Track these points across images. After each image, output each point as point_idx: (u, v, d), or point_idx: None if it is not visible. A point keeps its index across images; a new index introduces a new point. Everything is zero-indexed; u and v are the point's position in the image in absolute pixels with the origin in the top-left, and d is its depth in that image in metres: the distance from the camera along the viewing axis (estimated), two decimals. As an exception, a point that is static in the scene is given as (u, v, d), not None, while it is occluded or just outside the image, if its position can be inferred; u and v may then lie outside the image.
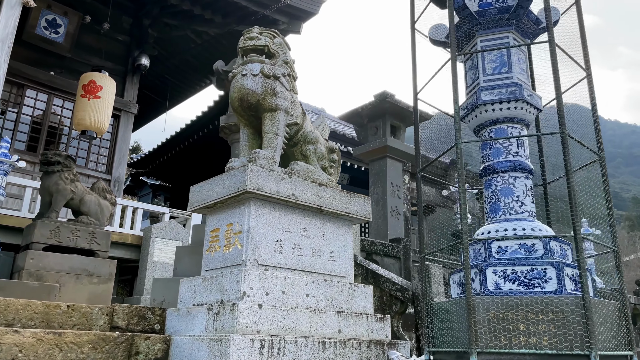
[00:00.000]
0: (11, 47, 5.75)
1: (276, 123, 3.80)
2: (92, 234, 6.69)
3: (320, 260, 3.66)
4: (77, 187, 6.76)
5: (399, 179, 7.33)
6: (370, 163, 7.60)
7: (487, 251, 2.98)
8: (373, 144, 7.29)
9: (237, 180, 3.41)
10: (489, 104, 3.24)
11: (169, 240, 8.14)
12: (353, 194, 3.93)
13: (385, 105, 7.18)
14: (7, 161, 6.57)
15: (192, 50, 11.42)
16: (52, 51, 9.02)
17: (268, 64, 3.89)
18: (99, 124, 7.86)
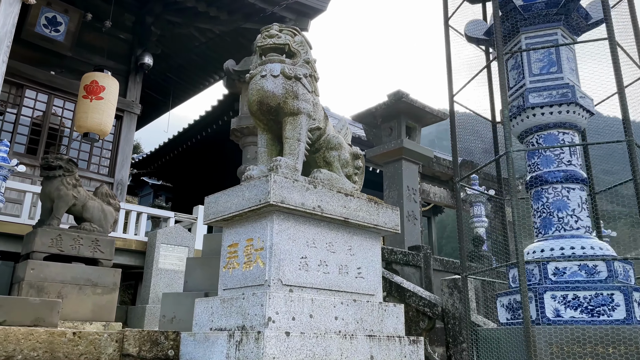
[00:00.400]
0: (10, 46, 5.45)
1: (298, 128, 3.49)
2: (95, 241, 6.39)
3: (347, 277, 3.36)
4: (79, 193, 6.46)
5: (415, 182, 7.04)
6: (384, 165, 7.30)
7: (542, 273, 2.69)
8: (388, 146, 7.00)
9: (258, 191, 3.10)
10: (537, 108, 2.94)
11: (174, 246, 7.84)
12: (381, 204, 3.63)
13: (401, 105, 6.88)
14: (6, 166, 6.27)
15: (196, 48, 11.10)
16: (52, 50, 8.70)
17: (289, 64, 3.58)
18: (101, 126, 7.55)
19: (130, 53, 9.86)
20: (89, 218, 6.48)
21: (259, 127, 3.72)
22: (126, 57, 9.81)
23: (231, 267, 3.31)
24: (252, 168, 3.56)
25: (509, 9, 3.09)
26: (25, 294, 5.60)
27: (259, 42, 3.67)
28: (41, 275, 5.76)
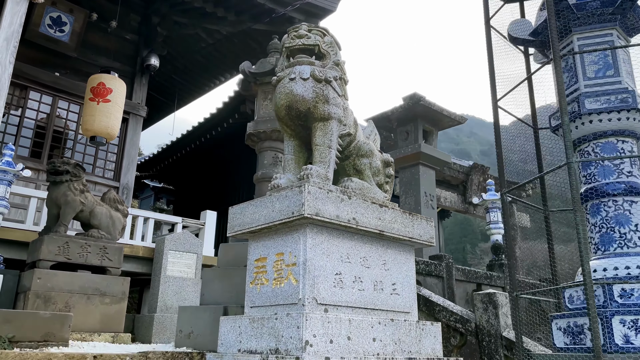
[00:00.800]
0: (17, 47, 5.24)
1: (329, 134, 3.29)
2: (103, 249, 6.17)
3: (382, 294, 3.15)
4: (87, 198, 6.24)
5: (432, 187, 6.84)
6: (400, 171, 7.10)
7: (607, 294, 2.49)
8: (404, 150, 6.80)
9: (290, 203, 2.89)
10: (594, 114, 2.75)
11: (182, 253, 7.62)
12: (415, 215, 3.43)
13: (418, 108, 6.69)
14: (11, 170, 6.05)
15: (202, 50, 10.89)
16: (56, 51, 8.49)
17: (318, 66, 3.38)
18: (108, 130, 7.34)
19: (136, 54, 9.65)
20: (96, 225, 6.26)
21: (286, 133, 3.51)
22: (132, 59, 9.59)
23: (259, 283, 3.10)
24: (280, 177, 3.35)
25: (560, 7, 2.89)
26: (32, 304, 5.38)
27: (286, 43, 3.46)
28: (48, 285, 5.54)
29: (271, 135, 5.06)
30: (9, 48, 5.14)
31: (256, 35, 10.34)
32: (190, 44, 10.71)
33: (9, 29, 5.16)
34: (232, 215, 3.34)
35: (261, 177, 5.03)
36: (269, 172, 5.03)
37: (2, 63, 5.05)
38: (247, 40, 10.49)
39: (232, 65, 11.51)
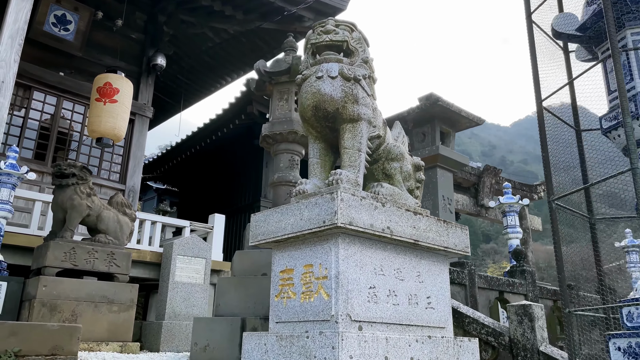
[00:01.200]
0: (22, 45, 5.03)
1: (358, 136, 3.07)
2: (111, 254, 5.95)
3: (417, 309, 2.93)
4: (93, 202, 6.02)
5: (450, 190, 6.63)
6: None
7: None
8: (421, 152, 6.59)
9: (321, 211, 2.67)
10: (654, 115, 2.54)
11: (191, 258, 7.40)
12: (450, 223, 3.21)
13: (435, 109, 6.48)
14: (15, 173, 5.83)
15: (209, 49, 10.69)
16: (61, 50, 8.28)
17: (346, 63, 3.16)
18: (115, 131, 7.12)
19: (142, 54, 9.44)
20: (103, 229, 6.05)
21: (311, 135, 3.29)
22: (138, 58, 9.38)
23: (285, 297, 2.88)
24: (305, 182, 3.13)
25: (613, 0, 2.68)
26: (37, 313, 5.17)
27: (312, 39, 3.24)
28: (54, 293, 5.32)
29: (287, 137, 4.84)
30: (14, 46, 4.94)
31: (264, 34, 10.14)
32: (197, 44, 10.51)
33: (13, 25, 4.95)
34: (256, 223, 3.11)
35: (277, 180, 4.81)
36: (285, 175, 4.82)
37: (7, 61, 4.84)
38: (255, 40, 10.28)
39: (239, 65, 11.31)
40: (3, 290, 5.39)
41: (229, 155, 14.17)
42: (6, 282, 5.42)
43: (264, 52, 10.65)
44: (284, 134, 4.82)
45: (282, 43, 9.81)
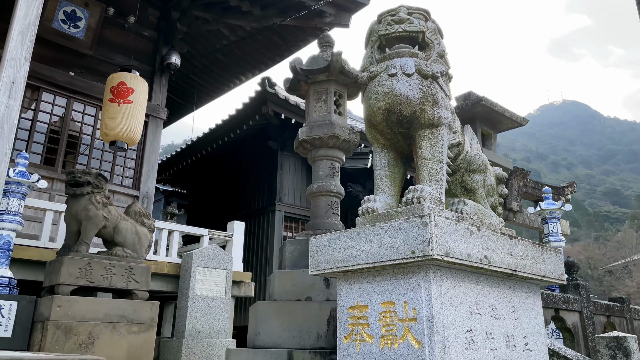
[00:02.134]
0: (33, 42, 4.55)
1: (439, 145, 2.59)
2: (129, 269, 5.48)
3: (515, 352, 2.45)
4: (110, 212, 5.55)
5: (493, 198, 6.14)
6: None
7: None
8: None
9: (408, 238, 2.19)
10: None
11: (211, 269, 6.93)
12: (544, 247, 2.72)
13: (477, 109, 6.00)
14: (25, 182, 5.37)
15: (224, 47, 10.21)
16: (71, 48, 7.81)
17: (421, 58, 2.67)
18: (130, 134, 6.65)
19: (155, 52, 8.96)
20: (121, 242, 5.58)
21: (377, 142, 2.80)
22: (151, 57, 8.91)
23: (358, 339, 2.40)
24: (373, 199, 2.65)
25: None
26: (52, 336, 4.70)
27: (380, 30, 2.74)
28: (69, 314, 4.86)
29: (328, 141, 4.36)
30: (25, 43, 4.46)
31: (282, 30, 9.65)
32: (211, 41, 10.03)
33: (24, 20, 4.48)
34: (317, 248, 2.63)
35: (317, 190, 4.32)
36: (326, 184, 4.33)
37: (17, 60, 4.37)
38: (272, 37, 9.80)
39: (254, 64, 10.83)
40: (13, 311, 4.92)
41: (241, 156, 13.70)
42: (16, 302, 4.96)
43: (281, 50, 10.17)
44: (323, 138, 4.33)
45: (303, 40, 9.25)
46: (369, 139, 2.88)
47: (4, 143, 4.14)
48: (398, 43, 2.69)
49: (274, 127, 12.29)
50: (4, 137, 4.15)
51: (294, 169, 12.72)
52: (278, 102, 11.31)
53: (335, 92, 4.59)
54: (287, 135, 12.46)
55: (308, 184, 13.86)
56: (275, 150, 12.59)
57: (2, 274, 5.08)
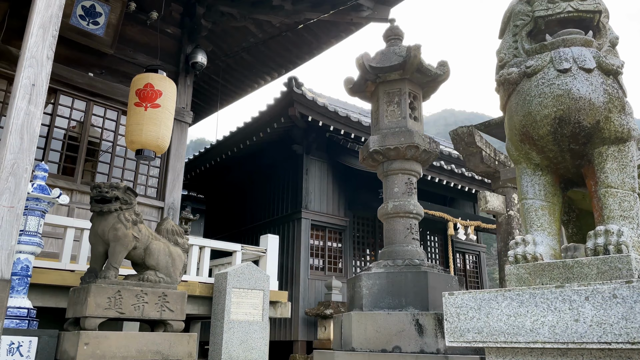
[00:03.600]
0: (56, 37, 3.89)
1: (629, 167, 1.90)
2: (162, 297, 4.81)
3: None
4: (140, 232, 4.89)
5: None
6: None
7: None
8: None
9: (630, 313, 1.48)
10: None
11: (247, 291, 6.26)
12: None
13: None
14: (45, 197, 4.71)
15: (250, 45, 9.53)
16: (90, 47, 7.17)
17: (595, 47, 1.97)
18: (158, 141, 5.99)
19: (179, 50, 8.31)
20: (153, 265, 4.92)
21: (529, 162, 2.10)
22: (174, 56, 8.25)
23: None
24: (530, 241, 1.94)
25: None
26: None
27: (538, 10, 2.03)
28: (98, 352, 4.19)
29: (405, 152, 3.66)
30: (47, 38, 3.80)
31: (314, 26, 8.95)
32: (237, 39, 9.36)
33: (45, 12, 3.82)
34: (458, 310, 1.93)
35: (393, 211, 3.62)
36: (403, 203, 3.63)
37: (39, 59, 3.71)
38: (303, 33, 9.10)
39: (281, 63, 10.15)
40: (33, 349, 4.26)
41: (263, 160, 13.04)
42: (37, 338, 4.30)
43: (311, 47, 9.49)
44: (400, 149, 3.64)
45: (335, 36, 8.42)
46: (512, 157, 2.18)
47: (24, 157, 3.48)
48: (562, 28, 1.99)
49: (299, 130, 11.62)
50: (24, 149, 3.49)
51: (319, 173, 12.04)
52: (305, 103, 10.63)
53: (410, 93, 3.89)
54: (313, 138, 11.79)
55: (335, 190, 12.96)
56: (300, 155, 11.91)
57: (20, 304, 4.43)
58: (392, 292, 3.17)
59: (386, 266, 3.37)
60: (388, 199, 3.71)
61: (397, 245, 3.54)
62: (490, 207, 8.26)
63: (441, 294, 3.34)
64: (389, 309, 3.13)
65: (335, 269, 11.66)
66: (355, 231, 12.30)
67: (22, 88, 3.59)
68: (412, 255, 3.44)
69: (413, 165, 3.72)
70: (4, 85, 6.57)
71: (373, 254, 12.64)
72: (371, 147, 3.76)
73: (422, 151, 3.67)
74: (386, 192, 3.75)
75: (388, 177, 3.77)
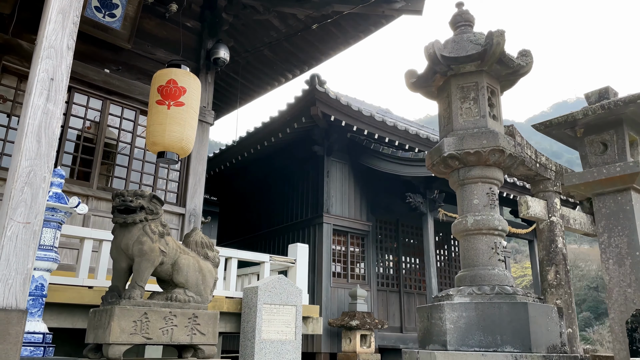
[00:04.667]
0: (78, 23, 3.37)
1: None
2: (193, 319, 4.28)
3: None
4: (168, 245, 4.36)
5: (646, 222, 4.87)
6: (596, 198, 5.12)
7: None
8: (608, 170, 4.85)
9: None
10: None
11: (279, 306, 5.72)
12: None
13: (628, 109, 4.72)
14: (62, 207, 4.19)
15: (272, 41, 8.99)
16: (106, 41, 6.66)
17: None
18: (182, 142, 5.46)
19: (199, 45, 7.79)
20: (182, 282, 4.38)
21: None
22: (194, 51, 7.73)
23: None
24: None
25: None
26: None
27: None
28: (123, 386, 3.67)
29: (488, 158, 3.11)
30: (67, 25, 3.28)
31: (341, 19, 8.39)
32: (258, 34, 8.83)
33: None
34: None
35: (475, 227, 3.07)
36: (486, 218, 3.08)
37: (58, 49, 3.20)
38: (329, 27, 8.55)
39: (304, 59, 9.60)
40: (50, 381, 3.75)
41: (281, 162, 12.51)
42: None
43: (337, 42, 8.93)
44: (482, 153, 3.09)
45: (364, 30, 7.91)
46: None
47: (42, 163, 2.96)
48: None
49: (320, 130, 11.08)
50: (42, 154, 2.97)
51: (341, 176, 11.50)
52: (328, 102, 10.10)
53: (487, 87, 3.33)
54: (335, 139, 11.24)
55: (356, 193, 12.26)
56: (321, 156, 11.37)
57: (34, 328, 3.91)
58: (483, 327, 2.62)
59: (472, 294, 2.82)
60: (466, 212, 3.15)
61: (481, 268, 2.99)
62: (532, 213, 7.66)
63: (544, 331, 2.81)
64: (480, 348, 2.58)
65: (357, 276, 11.12)
66: (377, 236, 11.75)
67: (38, 83, 3.07)
68: (501, 281, 2.89)
69: (495, 172, 3.17)
70: (14, 82, 6.07)
71: (395, 259, 12.09)
72: (445, 151, 3.20)
73: (508, 156, 3.11)
74: (462, 203, 3.20)
75: (465, 187, 3.21)
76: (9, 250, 2.77)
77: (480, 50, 3.19)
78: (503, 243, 3.10)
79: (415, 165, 10.04)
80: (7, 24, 5.97)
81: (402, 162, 10.14)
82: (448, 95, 3.41)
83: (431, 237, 10.40)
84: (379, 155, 10.63)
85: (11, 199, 2.82)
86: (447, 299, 2.91)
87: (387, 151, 10.47)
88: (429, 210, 10.44)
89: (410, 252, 12.39)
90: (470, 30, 3.52)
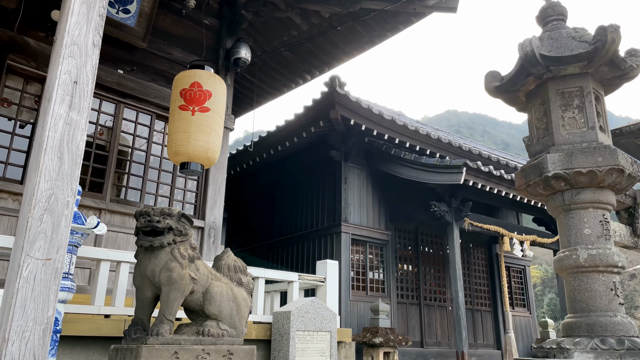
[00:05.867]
0: (104, 16, 2.83)
1: None
2: (228, 356, 3.73)
3: None
4: (198, 271, 3.81)
5: None
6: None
7: None
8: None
9: None
10: None
11: (313, 333, 5.18)
12: None
13: None
14: (79, 229, 3.64)
15: (292, 40, 8.45)
16: (119, 39, 6.11)
17: None
18: (208, 152, 4.91)
19: (217, 45, 7.24)
20: (214, 313, 3.83)
21: None
22: (213, 51, 7.18)
23: None
24: None
25: None
26: None
27: None
28: None
29: (603, 178, 2.58)
30: (92, 17, 2.74)
31: (367, 17, 7.86)
32: (278, 32, 8.29)
33: (90, -19, 2.75)
34: None
35: (589, 264, 2.54)
36: (603, 253, 2.56)
37: (82, 46, 2.66)
38: (354, 26, 8.01)
39: (325, 59, 9.06)
40: None
41: (296, 168, 11.95)
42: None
43: (362, 41, 8.40)
44: (597, 173, 2.56)
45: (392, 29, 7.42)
46: None
47: (65, 185, 2.41)
48: None
49: (337, 135, 10.53)
50: (64, 174, 2.42)
51: (359, 182, 10.95)
52: (349, 105, 9.56)
53: (593, 93, 2.79)
54: (352, 144, 10.69)
55: (375, 201, 11.54)
56: (338, 161, 10.81)
57: (47, 371, 3.35)
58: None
59: (596, 350, 2.28)
60: (575, 245, 2.62)
61: (599, 314, 2.46)
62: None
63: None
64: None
65: (377, 289, 10.57)
66: (396, 245, 11.20)
67: (59, 87, 2.53)
68: (627, 331, 2.37)
69: (609, 196, 2.64)
70: (20, 83, 5.51)
71: (415, 270, 11.54)
72: (550, 170, 2.65)
73: (627, 176, 2.58)
74: (569, 233, 2.66)
75: (572, 213, 2.67)
76: (25, 294, 2.22)
77: (589, 49, 2.67)
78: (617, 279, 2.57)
79: (440, 172, 9.51)
80: (12, 19, 5.43)
81: (426, 169, 9.61)
82: (543, 101, 2.89)
83: (457, 248, 9.87)
84: (400, 161, 10.10)
85: (28, 231, 2.27)
86: (562, 354, 2.37)
87: (409, 157, 9.94)
88: (454, 220, 9.89)
89: (429, 261, 11.86)
90: (564, 25, 3.00)
